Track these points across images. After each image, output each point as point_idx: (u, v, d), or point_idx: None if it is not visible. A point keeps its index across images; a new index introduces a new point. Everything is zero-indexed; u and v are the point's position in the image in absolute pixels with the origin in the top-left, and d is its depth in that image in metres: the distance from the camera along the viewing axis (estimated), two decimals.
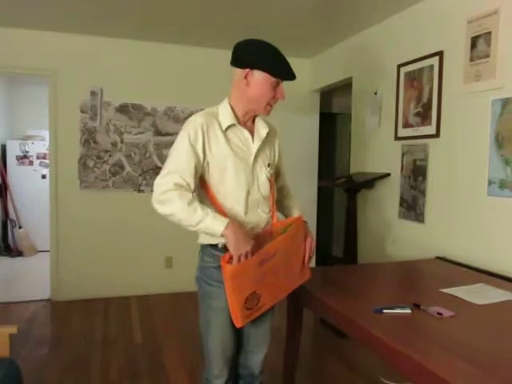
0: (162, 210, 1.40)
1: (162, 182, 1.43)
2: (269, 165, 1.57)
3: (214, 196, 1.48)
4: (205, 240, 1.53)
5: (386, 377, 2.37)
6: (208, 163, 1.46)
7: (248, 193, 1.49)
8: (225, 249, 1.41)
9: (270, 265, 1.42)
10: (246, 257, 1.35)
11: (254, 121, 1.58)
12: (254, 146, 1.52)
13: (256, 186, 1.51)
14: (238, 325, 1.40)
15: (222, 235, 1.35)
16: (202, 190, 1.51)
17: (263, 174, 1.54)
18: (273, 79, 1.46)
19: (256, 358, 1.66)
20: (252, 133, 1.54)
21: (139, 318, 3.51)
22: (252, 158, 1.51)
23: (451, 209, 2.59)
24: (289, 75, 1.49)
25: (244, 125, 1.53)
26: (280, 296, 1.52)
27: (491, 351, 1.20)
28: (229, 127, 1.49)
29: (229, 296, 1.37)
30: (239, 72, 1.48)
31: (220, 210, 1.43)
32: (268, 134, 1.58)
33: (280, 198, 1.72)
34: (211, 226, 1.36)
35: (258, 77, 1.45)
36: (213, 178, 1.48)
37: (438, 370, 1.06)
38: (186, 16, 3.26)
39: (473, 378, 1.04)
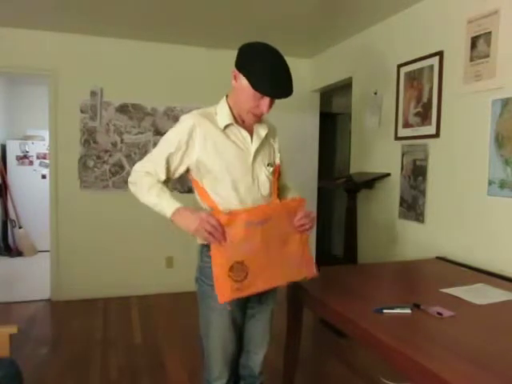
0: (130, 187, 1.59)
1: (137, 166, 1.59)
2: (269, 164, 1.55)
3: (209, 196, 1.49)
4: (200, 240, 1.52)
5: (386, 377, 2.37)
6: (201, 163, 1.47)
7: (247, 193, 1.47)
8: None
9: (259, 232, 1.35)
10: (215, 232, 1.34)
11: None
12: (253, 146, 1.51)
13: (256, 185, 1.50)
14: (224, 298, 1.33)
15: (172, 221, 1.41)
16: (196, 190, 1.54)
17: (263, 174, 1.52)
18: (253, 90, 1.38)
19: (256, 357, 1.65)
20: (251, 132, 1.52)
21: (139, 318, 3.51)
22: (251, 158, 1.50)
23: (451, 209, 2.59)
24: (273, 93, 1.39)
25: (242, 124, 1.52)
26: (274, 281, 1.43)
27: (491, 351, 1.20)
28: (226, 126, 1.47)
29: (212, 259, 1.34)
30: (232, 71, 1.47)
31: (217, 211, 1.42)
32: (267, 134, 1.57)
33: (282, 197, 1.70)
34: (163, 210, 1.45)
35: (243, 82, 1.41)
36: (208, 179, 1.48)
37: (438, 369, 1.06)
38: (186, 16, 3.26)
39: (473, 378, 1.04)
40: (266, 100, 1.41)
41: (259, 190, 1.51)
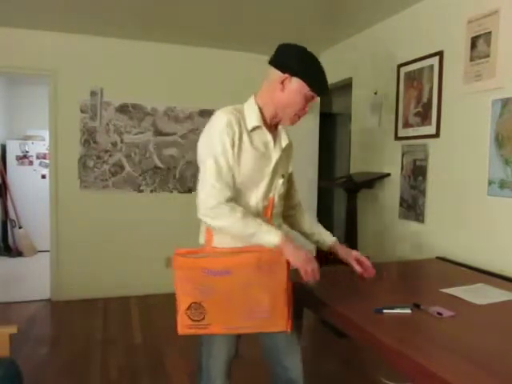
0: (212, 223, 1.35)
1: (210, 196, 1.33)
2: (283, 175, 1.51)
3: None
4: (199, 239, 1.51)
5: (386, 377, 2.37)
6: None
7: (259, 205, 1.43)
8: None
9: (220, 281, 1.30)
10: (316, 272, 1.34)
11: (276, 127, 1.53)
12: (275, 154, 1.47)
13: (273, 194, 1.47)
14: (180, 330, 1.34)
15: (281, 247, 1.32)
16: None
17: (279, 183, 1.49)
18: (309, 92, 1.43)
19: (296, 369, 1.60)
20: (274, 139, 1.49)
21: (139, 318, 3.51)
22: (272, 165, 1.46)
23: (451, 209, 2.59)
24: (325, 92, 1.47)
25: (269, 128, 1.48)
26: (237, 329, 1.38)
27: (491, 351, 1.20)
28: (254, 128, 1.43)
29: (176, 294, 1.33)
30: (277, 75, 1.43)
31: (182, 250, 1.38)
32: (287, 146, 1.54)
33: (299, 219, 1.67)
34: (264, 238, 1.33)
35: (296, 85, 1.41)
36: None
37: (438, 369, 1.06)
38: (185, 16, 3.26)
39: (473, 378, 1.04)
40: (313, 101, 1.47)
41: (273, 205, 1.47)
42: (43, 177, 5.74)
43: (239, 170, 1.39)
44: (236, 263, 1.31)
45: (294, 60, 1.44)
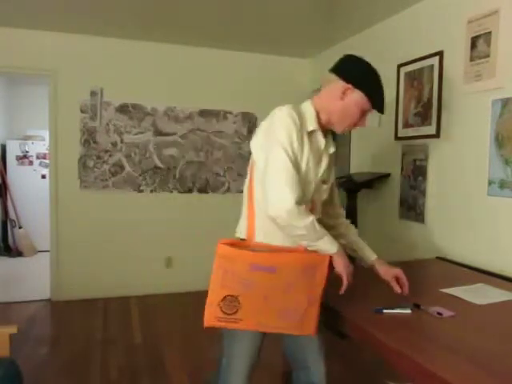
0: (285, 223, 1.30)
1: (286, 194, 1.28)
2: (326, 182, 1.51)
3: (253, 207, 1.43)
4: (238, 233, 1.49)
5: (390, 378, 2.37)
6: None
7: (313, 205, 1.43)
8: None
9: (263, 277, 1.28)
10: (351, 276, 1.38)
11: (327, 133, 1.53)
12: (325, 159, 1.47)
13: (316, 199, 1.47)
14: (206, 322, 1.30)
15: (331, 256, 1.35)
16: (247, 192, 1.47)
17: (323, 189, 1.48)
18: (367, 106, 1.44)
19: (319, 372, 1.61)
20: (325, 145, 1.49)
21: (139, 318, 3.51)
22: (322, 169, 1.46)
23: (451, 209, 2.59)
24: (382, 109, 1.48)
25: (323, 134, 1.48)
26: (265, 327, 1.36)
27: (491, 351, 1.20)
28: (311, 131, 1.42)
29: (211, 283, 1.30)
30: (340, 84, 1.44)
31: (230, 240, 1.36)
32: (332, 153, 1.54)
33: (345, 233, 1.66)
34: (325, 246, 1.34)
35: (357, 97, 1.42)
36: None
37: (438, 370, 1.06)
38: (185, 16, 3.26)
39: (473, 378, 1.04)
40: (367, 115, 1.48)
41: (316, 210, 1.46)
42: (43, 177, 5.74)
43: (301, 167, 1.37)
44: (283, 262, 1.30)
45: (360, 73, 1.45)
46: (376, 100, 1.45)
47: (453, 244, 2.55)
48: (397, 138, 3.07)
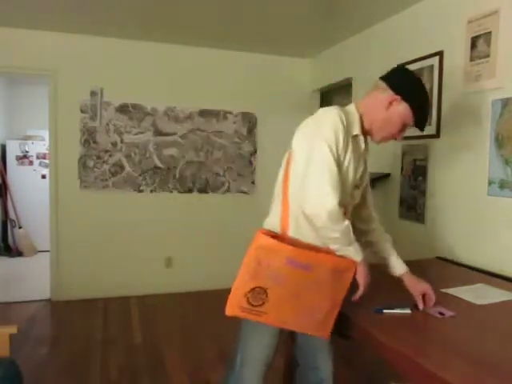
0: (322, 224, 1.29)
1: (328, 195, 1.26)
2: (358, 186, 1.50)
3: (288, 207, 1.40)
4: (268, 227, 1.44)
5: (388, 378, 2.37)
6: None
7: (345, 210, 1.42)
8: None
9: (296, 274, 1.27)
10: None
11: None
12: (362, 164, 1.47)
13: (351, 205, 1.46)
14: (228, 310, 1.29)
15: (357, 264, 1.35)
16: (282, 191, 1.42)
17: (357, 193, 1.48)
18: (410, 121, 1.45)
19: (327, 372, 1.62)
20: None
21: (139, 318, 3.51)
22: (359, 174, 1.46)
23: (451, 209, 2.59)
24: (423, 126, 1.49)
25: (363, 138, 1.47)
26: (286, 324, 1.37)
27: (491, 351, 1.20)
28: (355, 136, 1.42)
29: (240, 272, 1.27)
30: (388, 93, 1.44)
31: (270, 232, 1.34)
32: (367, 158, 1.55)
33: (377, 239, 1.63)
34: (352, 253, 1.34)
35: (402, 110, 1.43)
36: None
37: (438, 370, 1.06)
38: (185, 16, 3.26)
39: (473, 379, 1.04)
40: (405, 129, 1.49)
41: (347, 214, 1.45)
42: (43, 177, 5.74)
43: (342, 169, 1.36)
44: (319, 261, 1.30)
45: (410, 87, 1.45)
46: (420, 116, 1.46)
47: (453, 244, 2.55)
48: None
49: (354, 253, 1.34)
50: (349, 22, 3.32)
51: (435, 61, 2.68)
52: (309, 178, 1.29)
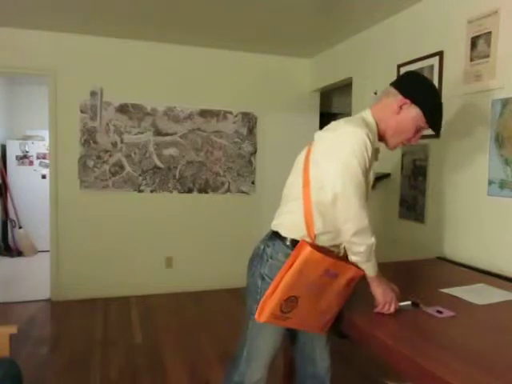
0: (355, 240, 1.33)
1: (362, 215, 1.32)
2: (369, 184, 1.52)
3: (312, 219, 1.40)
4: (289, 233, 1.44)
5: (387, 377, 2.37)
6: None
7: None
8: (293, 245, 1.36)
9: (325, 281, 1.32)
10: (394, 304, 1.40)
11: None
12: (374, 166, 1.47)
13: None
14: (260, 317, 1.30)
15: (371, 279, 1.38)
16: (304, 205, 1.41)
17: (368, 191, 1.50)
18: (423, 123, 1.45)
19: (325, 364, 1.66)
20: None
21: (139, 318, 3.51)
22: (373, 176, 1.48)
23: (451, 209, 2.59)
24: (438, 129, 1.48)
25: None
26: (304, 326, 1.43)
27: (491, 352, 1.20)
28: (376, 148, 1.43)
29: (277, 281, 1.28)
30: (398, 98, 1.45)
31: (309, 243, 1.34)
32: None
33: None
34: (368, 268, 1.37)
35: (413, 113, 1.44)
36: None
37: (438, 370, 1.06)
38: (186, 16, 3.26)
39: (473, 379, 1.04)
40: (421, 132, 1.49)
41: None
42: (43, 177, 5.74)
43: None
44: (345, 271, 1.35)
45: (420, 89, 1.46)
46: (433, 119, 1.45)
47: (453, 244, 2.55)
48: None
49: (371, 268, 1.38)
50: (349, 22, 3.32)
51: (435, 61, 2.68)
52: (344, 198, 1.31)
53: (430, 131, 2.73)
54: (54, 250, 3.90)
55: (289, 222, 1.46)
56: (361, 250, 1.33)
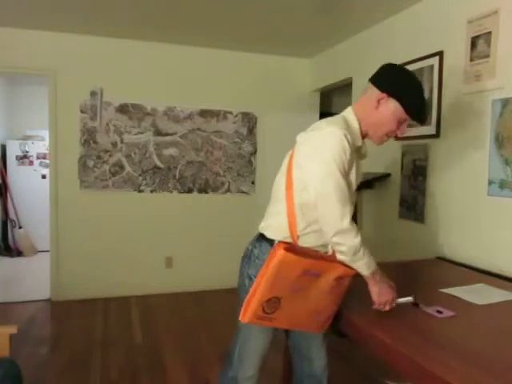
0: (339, 240, 1.34)
1: (344, 214, 1.33)
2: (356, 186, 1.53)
3: (295, 218, 1.41)
4: (274, 235, 1.45)
5: (386, 377, 2.37)
6: None
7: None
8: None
9: (309, 281, 1.32)
10: (389, 304, 1.39)
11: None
12: (360, 166, 1.47)
13: (353, 204, 1.48)
14: (243, 317, 1.32)
15: (366, 277, 1.37)
16: (287, 205, 1.42)
17: (354, 192, 1.50)
18: (404, 116, 1.43)
19: (321, 362, 1.66)
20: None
21: (139, 318, 3.51)
22: (360, 177, 1.49)
23: (451, 209, 2.59)
24: (421, 118, 1.46)
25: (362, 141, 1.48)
26: (296, 325, 1.44)
27: (491, 352, 1.20)
28: (358, 147, 1.43)
29: (258, 283, 1.29)
30: (375, 93, 1.43)
31: (284, 243, 1.36)
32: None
33: None
34: (363, 266, 1.35)
35: (391, 107, 1.42)
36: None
37: (438, 370, 1.06)
38: (186, 16, 3.26)
39: (472, 379, 1.04)
40: (406, 124, 1.46)
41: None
42: (43, 177, 5.74)
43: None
44: (327, 269, 1.34)
45: (394, 81, 1.43)
46: (412, 109, 1.42)
47: (453, 244, 2.55)
48: (397, 138, 3.06)
49: (364, 267, 1.36)
50: (349, 22, 3.32)
51: (435, 61, 2.68)
52: (324, 199, 1.33)
53: (430, 131, 2.73)
54: (54, 250, 3.90)
55: (273, 223, 1.48)
56: (343, 249, 1.33)
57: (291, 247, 1.33)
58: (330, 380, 1.69)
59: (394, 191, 3.11)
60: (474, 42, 2.38)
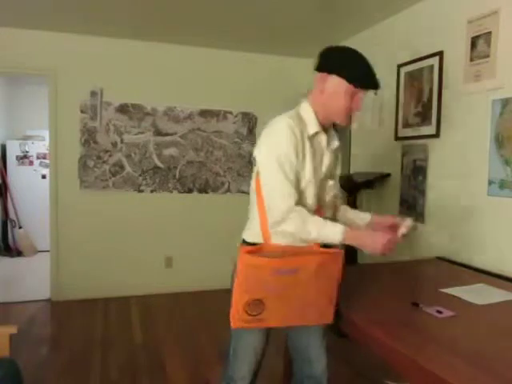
0: (283, 228, 1.36)
1: (280, 202, 1.35)
2: (331, 177, 1.53)
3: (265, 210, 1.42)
4: (250, 238, 1.48)
5: (386, 377, 2.37)
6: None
7: (316, 202, 1.45)
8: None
9: (286, 280, 1.31)
10: (391, 243, 1.38)
11: (329, 128, 1.53)
12: (328, 156, 1.48)
13: (324, 199, 1.48)
14: (232, 323, 1.34)
15: (344, 243, 1.35)
16: (257, 200, 1.43)
17: (330, 184, 1.50)
18: (348, 86, 1.38)
19: (321, 364, 1.66)
20: (327, 141, 1.49)
21: (139, 318, 3.51)
22: (325, 167, 1.48)
23: (451, 209, 2.59)
24: (368, 83, 1.40)
25: (325, 131, 1.48)
26: (288, 321, 1.43)
27: (491, 351, 1.20)
28: (314, 134, 1.43)
29: (234, 289, 1.32)
30: (317, 76, 1.44)
31: (250, 248, 1.37)
32: (337, 148, 1.55)
33: (339, 217, 1.66)
34: (331, 235, 1.35)
35: (334, 82, 1.40)
36: None
37: (438, 370, 1.06)
38: (186, 16, 3.26)
39: (472, 379, 1.04)
40: (359, 96, 1.41)
41: (326, 203, 1.50)
42: (43, 177, 5.73)
43: (302, 174, 1.40)
44: (302, 263, 1.33)
45: (329, 58, 1.43)
46: (354, 78, 1.38)
47: (453, 244, 2.55)
48: (397, 138, 3.07)
49: (331, 237, 1.35)
50: (349, 22, 3.32)
51: (435, 61, 2.68)
52: (265, 198, 1.37)
53: (430, 131, 2.73)
54: (54, 250, 3.90)
55: (249, 226, 1.52)
56: (301, 235, 1.35)
57: (256, 249, 1.34)
58: (329, 380, 1.68)
59: (393, 191, 3.10)
60: (473, 42, 2.38)
